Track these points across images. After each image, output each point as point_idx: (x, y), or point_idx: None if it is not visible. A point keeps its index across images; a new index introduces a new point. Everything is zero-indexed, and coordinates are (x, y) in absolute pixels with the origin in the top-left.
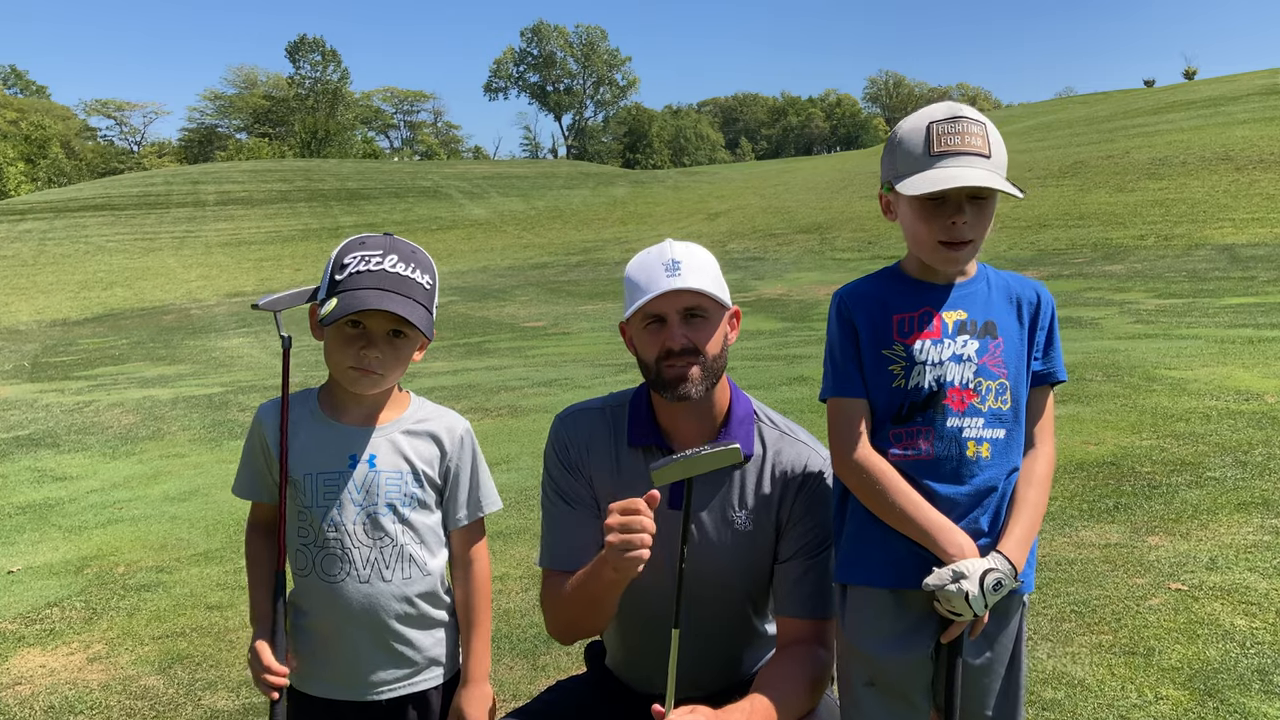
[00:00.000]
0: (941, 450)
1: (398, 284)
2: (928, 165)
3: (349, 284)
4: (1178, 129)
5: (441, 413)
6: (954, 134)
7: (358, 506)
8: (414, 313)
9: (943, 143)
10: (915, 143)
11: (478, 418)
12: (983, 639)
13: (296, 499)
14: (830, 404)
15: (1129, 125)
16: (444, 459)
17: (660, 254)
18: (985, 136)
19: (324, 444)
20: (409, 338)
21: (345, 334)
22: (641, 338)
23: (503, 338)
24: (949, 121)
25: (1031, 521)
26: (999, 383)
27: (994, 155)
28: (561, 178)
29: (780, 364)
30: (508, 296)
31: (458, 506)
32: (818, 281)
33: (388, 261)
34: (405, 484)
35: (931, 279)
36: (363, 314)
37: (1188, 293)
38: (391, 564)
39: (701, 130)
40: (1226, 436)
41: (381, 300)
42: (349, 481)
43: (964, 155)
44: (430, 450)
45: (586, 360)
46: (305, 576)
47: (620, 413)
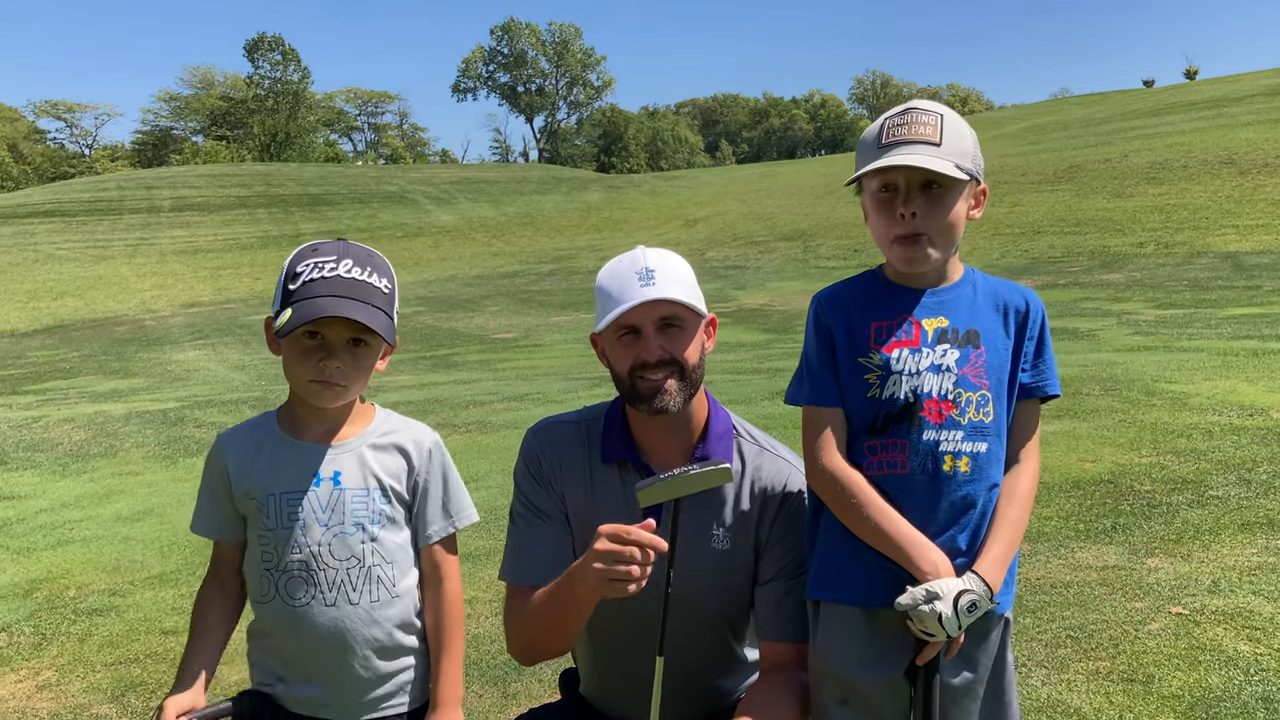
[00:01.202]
0: (917, 464)
1: (355, 289)
2: (875, 156)
3: (303, 293)
4: (1178, 131)
5: (408, 425)
6: (902, 125)
7: (324, 527)
8: (374, 319)
9: (891, 134)
10: (868, 141)
11: (446, 434)
12: (961, 658)
13: (258, 523)
14: (805, 413)
15: (1127, 127)
16: (412, 473)
17: (633, 262)
18: (937, 126)
19: (286, 464)
20: (370, 346)
21: (303, 346)
22: (615, 350)
23: (471, 350)
24: (900, 114)
25: (1010, 541)
26: (980, 394)
27: (946, 143)
28: (533, 182)
29: (761, 377)
30: (477, 307)
31: (428, 522)
32: (801, 291)
33: (342, 267)
34: (372, 501)
35: (911, 283)
36: (320, 323)
37: (1189, 303)
38: (359, 586)
39: (680, 133)
40: (1230, 453)
41: (339, 307)
42: (314, 501)
43: (909, 144)
44: (397, 464)
45: (559, 373)
46: (268, 602)
47: (595, 427)
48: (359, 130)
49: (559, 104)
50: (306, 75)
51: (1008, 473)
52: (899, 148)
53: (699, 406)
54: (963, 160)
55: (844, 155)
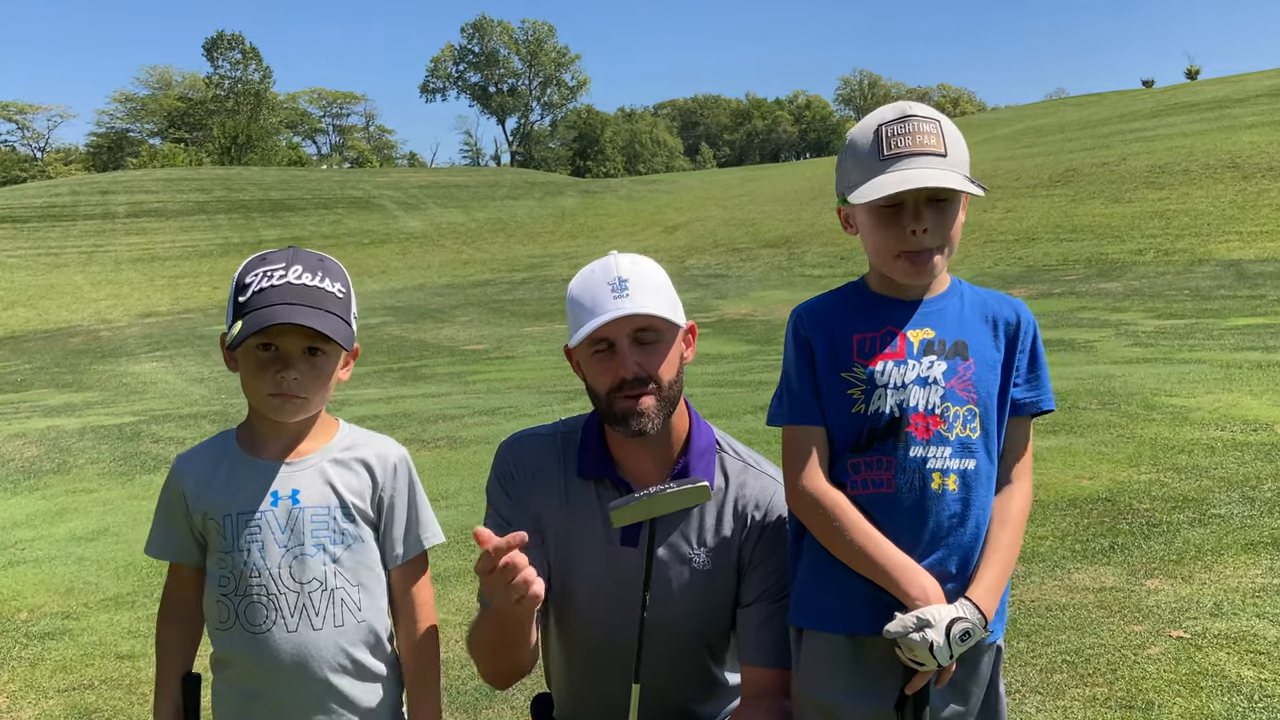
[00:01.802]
0: (903, 482)
1: (306, 295)
2: (879, 170)
3: (254, 303)
4: (1179, 133)
5: (373, 438)
6: (904, 134)
7: (283, 548)
8: (328, 324)
9: (893, 145)
10: (865, 148)
11: (414, 449)
12: (951, 688)
13: (216, 545)
14: (785, 432)
15: (1126, 129)
16: (376, 489)
17: (605, 271)
18: (939, 134)
19: (243, 482)
20: (328, 354)
21: (258, 358)
22: (590, 365)
23: (440, 362)
24: (898, 122)
25: (1004, 566)
26: (968, 408)
27: (951, 153)
28: (505, 187)
29: (744, 391)
30: (446, 317)
31: (395, 542)
32: (785, 300)
33: (292, 273)
34: (333, 519)
35: (896, 294)
36: (273, 333)
37: (1190, 313)
38: (322, 609)
39: (658, 135)
40: (1233, 470)
41: (289, 314)
42: (271, 521)
43: (917, 156)
44: (360, 480)
45: (532, 386)
46: (227, 629)
47: (571, 440)
48: (323, 132)
49: (532, 105)
50: (268, 75)
51: (1000, 493)
52: (906, 161)
53: (680, 421)
54: (965, 170)
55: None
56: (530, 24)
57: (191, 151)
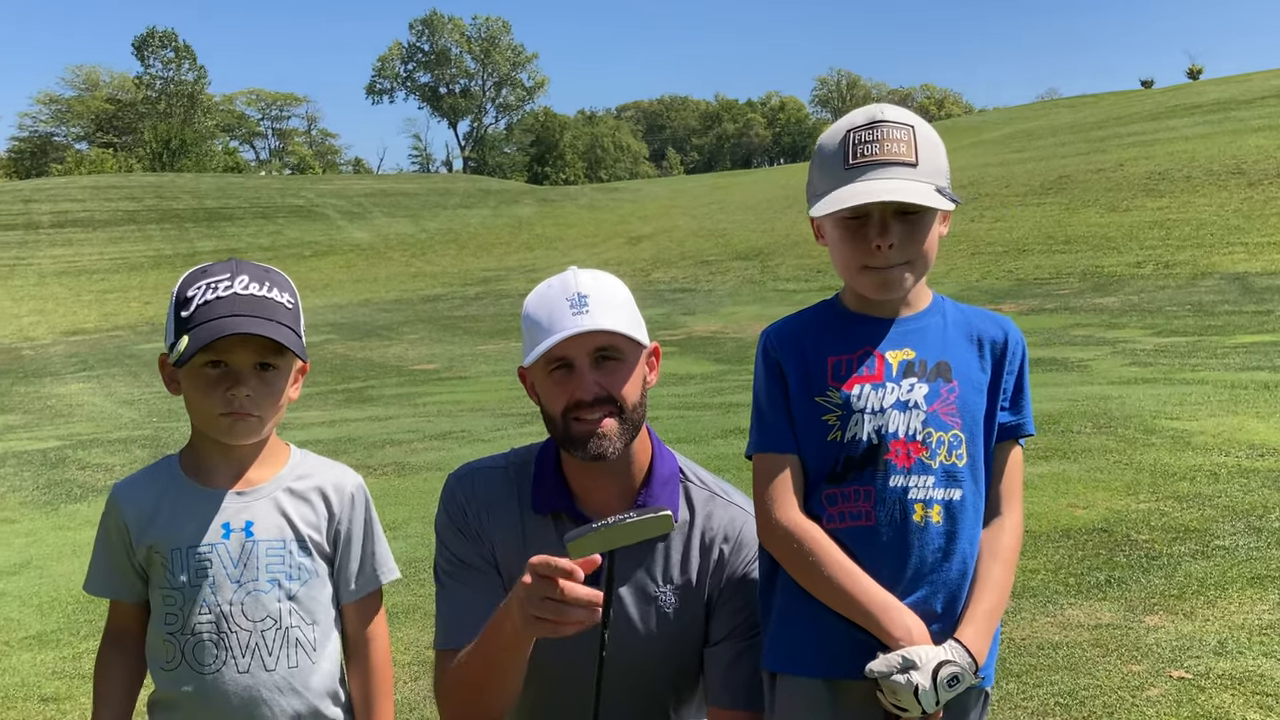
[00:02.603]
0: (883, 515)
1: (255, 306)
2: (844, 180)
3: (199, 316)
4: (1181, 137)
5: (328, 466)
6: (872, 142)
7: (235, 583)
8: (280, 335)
9: (860, 153)
10: (832, 156)
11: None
12: None
13: (162, 581)
14: (756, 460)
15: (1123, 133)
16: (333, 521)
17: (564, 287)
18: (911, 141)
19: (191, 513)
20: (280, 369)
21: (206, 376)
22: (546, 386)
23: (388, 383)
24: (867, 128)
25: (995, 604)
26: (952, 434)
27: (923, 163)
28: (457, 195)
29: (713, 414)
30: (394, 334)
31: (351, 577)
32: (757, 317)
33: (238, 284)
34: (289, 553)
35: (873, 311)
36: (222, 348)
37: (1193, 329)
38: (275, 650)
39: (621, 139)
40: (1238, 498)
41: (241, 325)
42: (223, 555)
43: (884, 166)
44: (316, 512)
45: (487, 409)
46: (172, 670)
47: (524, 472)
48: (262, 136)
49: (486, 107)
50: (203, 75)
51: (988, 525)
52: (871, 171)
53: (641, 448)
54: (940, 180)
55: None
56: (484, 20)
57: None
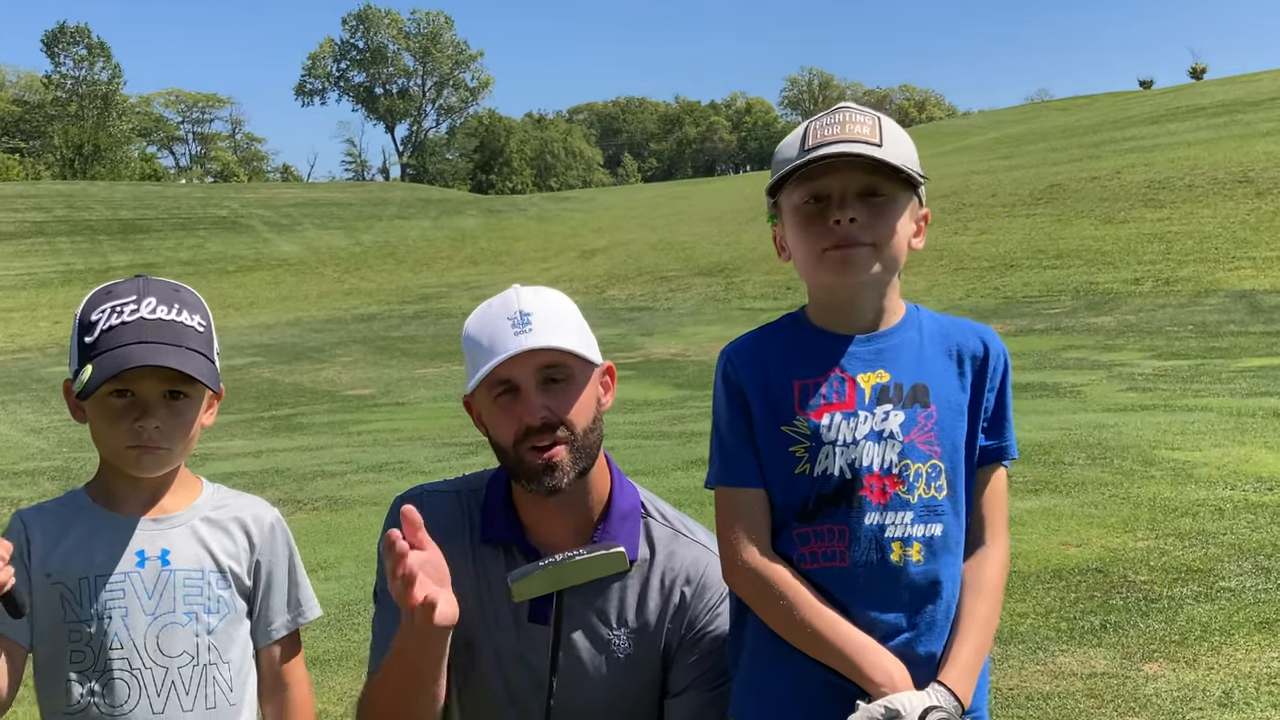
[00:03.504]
0: (859, 555)
1: (163, 332)
2: (797, 161)
3: (103, 343)
4: (1182, 142)
5: (243, 498)
6: (832, 124)
7: (149, 616)
8: (191, 363)
9: (818, 136)
10: (789, 147)
11: (288, 511)
12: None
13: (67, 613)
14: (718, 495)
15: (1120, 138)
16: (253, 553)
17: (505, 305)
18: (875, 126)
19: (102, 541)
20: (191, 398)
21: (112, 407)
22: (492, 413)
23: (319, 409)
24: (828, 114)
25: (980, 643)
26: (931, 465)
27: (888, 145)
28: (394, 205)
29: (674, 443)
30: (326, 357)
31: (272, 615)
32: (721, 338)
33: (145, 307)
34: (208, 584)
35: (841, 326)
36: (128, 377)
37: (1195, 352)
38: (192, 689)
39: (573, 144)
40: (1244, 536)
41: (148, 355)
42: (137, 584)
43: (842, 143)
44: (235, 542)
45: (427, 438)
46: (79, 712)
47: (476, 500)
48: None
49: (426, 109)
50: (118, 74)
51: (971, 558)
52: (829, 147)
53: (599, 479)
54: (908, 164)
55: None
56: (423, 15)
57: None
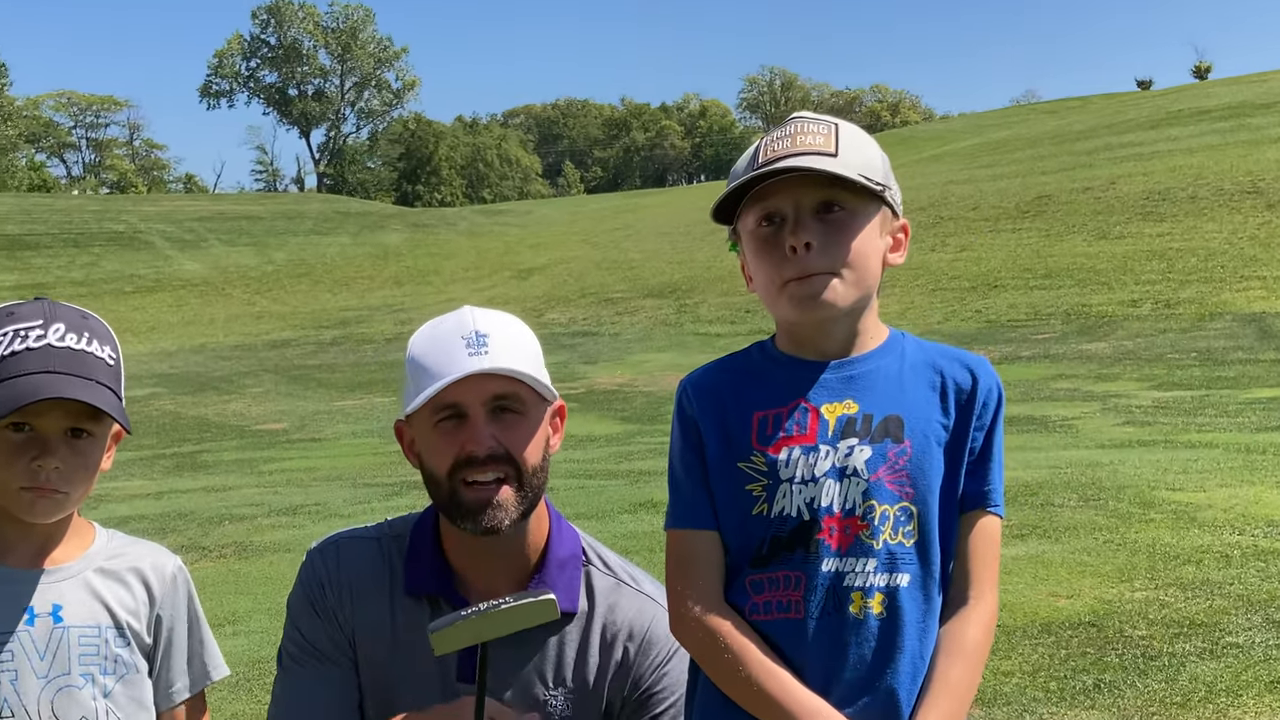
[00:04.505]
0: (815, 606)
1: (72, 362)
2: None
3: (6, 370)
4: (1185, 149)
5: (141, 545)
6: (784, 137)
7: (42, 679)
8: (99, 397)
9: (769, 150)
10: (741, 166)
11: (192, 560)
12: None
13: None
14: (669, 539)
15: (1116, 144)
16: (153, 606)
17: (459, 324)
18: (830, 135)
19: None
20: (95, 436)
21: (9, 442)
22: (431, 439)
23: (227, 446)
24: (781, 126)
25: (951, 709)
26: (900, 507)
27: (844, 154)
28: (310, 219)
29: (621, 483)
30: (234, 387)
31: (173, 676)
32: (673, 366)
33: (52, 333)
34: (105, 642)
35: (810, 353)
36: (30, 411)
37: (1199, 382)
38: None
39: (508, 151)
40: (1253, 586)
41: (56, 386)
42: (28, 644)
43: (792, 157)
44: (134, 595)
45: (346, 477)
46: None
47: (399, 546)
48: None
49: (345, 113)
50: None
51: (953, 617)
52: (780, 162)
53: (538, 523)
54: (869, 173)
55: None
56: (341, 9)
57: None
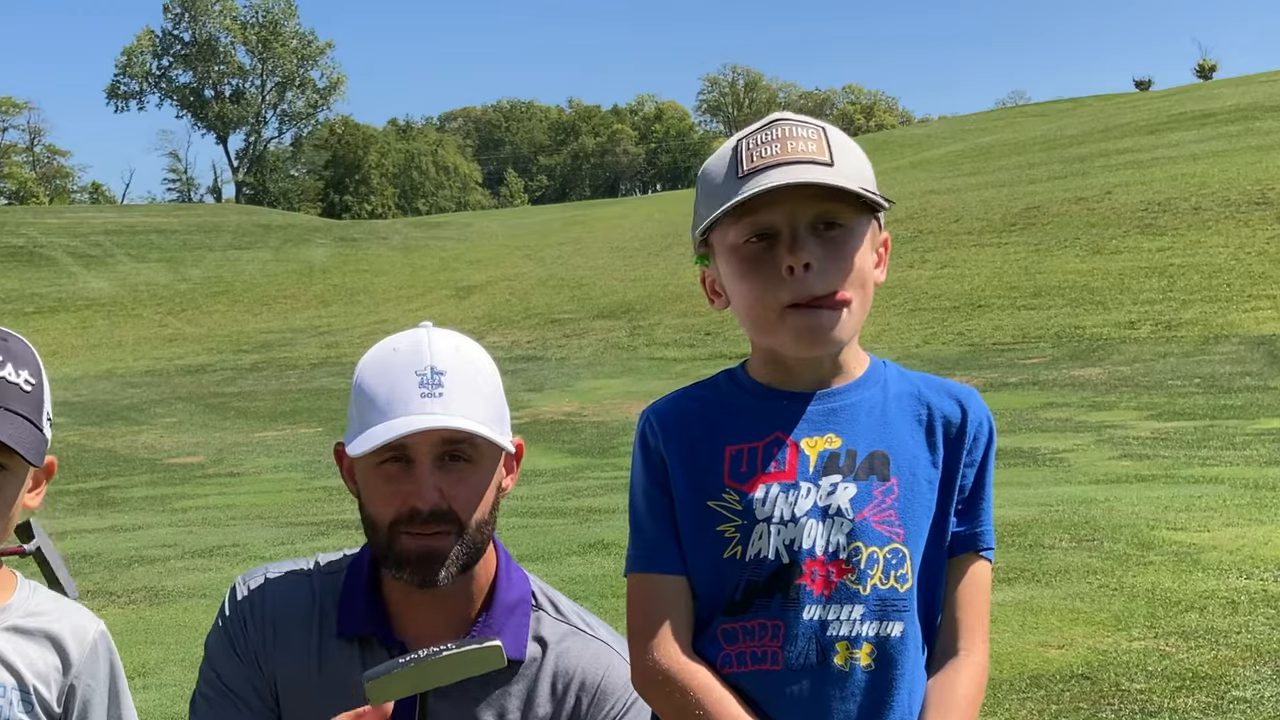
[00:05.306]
0: (795, 656)
1: None
2: (733, 191)
3: None
4: (1187, 156)
5: (63, 605)
6: (770, 142)
7: None
8: (14, 431)
9: (754, 157)
10: (718, 173)
11: (99, 605)
12: None
13: None
14: (631, 584)
15: (1112, 150)
16: (66, 674)
17: (415, 354)
18: (821, 141)
19: None
20: (11, 470)
21: None
22: (372, 482)
23: (137, 481)
24: (763, 129)
25: None
26: (890, 549)
27: (839, 164)
28: (228, 233)
29: (569, 522)
30: (145, 417)
31: None
32: (627, 394)
33: None
34: (9, 706)
35: (788, 383)
36: None
37: (1203, 411)
38: None
39: (445, 158)
40: (1262, 635)
41: None
42: None
43: (790, 165)
44: (47, 660)
45: (268, 516)
46: None
47: (332, 584)
48: None
49: (266, 115)
50: None
51: (942, 669)
52: (772, 171)
53: (484, 564)
54: (866, 184)
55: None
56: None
57: None
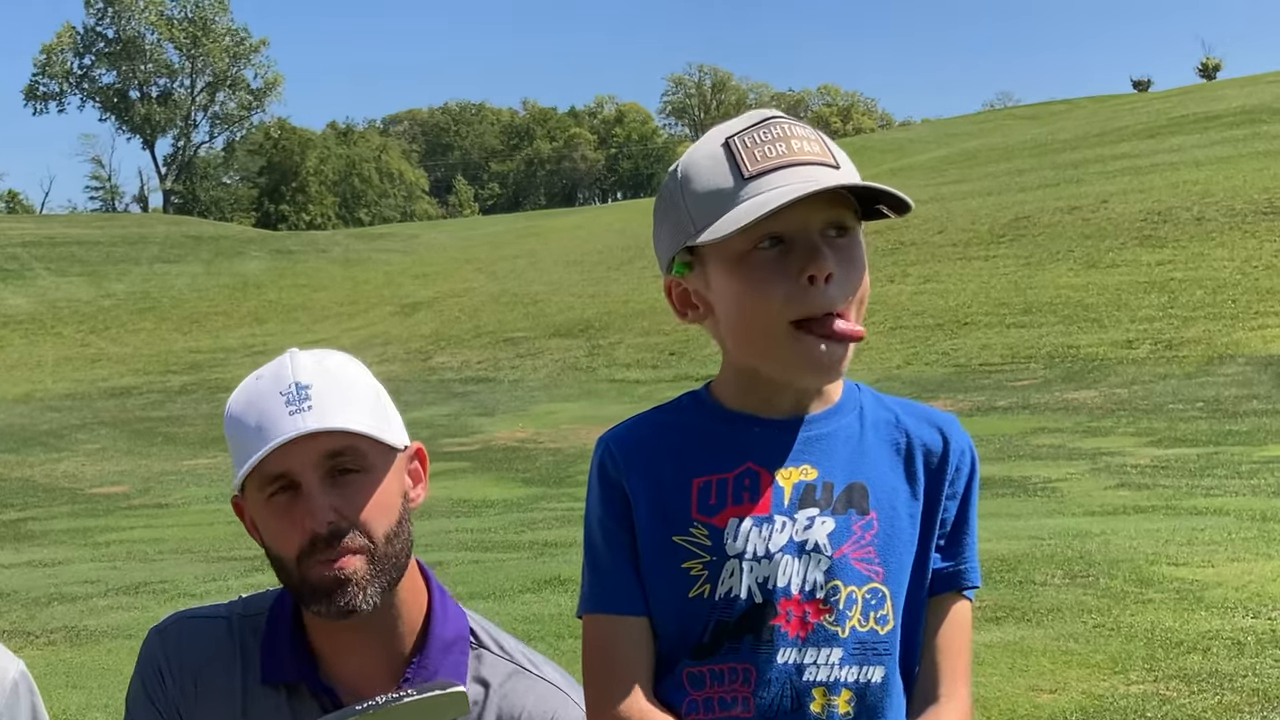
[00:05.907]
0: (769, 703)
1: None
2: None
3: None
4: (1189, 161)
5: None
6: (773, 140)
7: None
8: None
9: (758, 156)
10: (712, 173)
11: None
12: None
13: None
14: (586, 625)
15: (1108, 155)
16: None
17: (276, 377)
18: (821, 142)
19: None
20: None
21: None
22: (267, 519)
23: (57, 512)
24: (757, 128)
25: None
26: (869, 589)
27: (845, 166)
28: (156, 244)
29: (522, 557)
30: (65, 443)
31: None
32: (585, 419)
33: None
34: None
35: (762, 410)
36: None
37: (1205, 437)
38: None
39: (390, 164)
40: (1270, 678)
41: None
42: None
43: (799, 166)
44: None
45: (197, 550)
46: None
47: (253, 627)
48: None
49: (196, 118)
50: None
51: (922, 716)
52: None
53: (413, 597)
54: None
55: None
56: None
57: None
